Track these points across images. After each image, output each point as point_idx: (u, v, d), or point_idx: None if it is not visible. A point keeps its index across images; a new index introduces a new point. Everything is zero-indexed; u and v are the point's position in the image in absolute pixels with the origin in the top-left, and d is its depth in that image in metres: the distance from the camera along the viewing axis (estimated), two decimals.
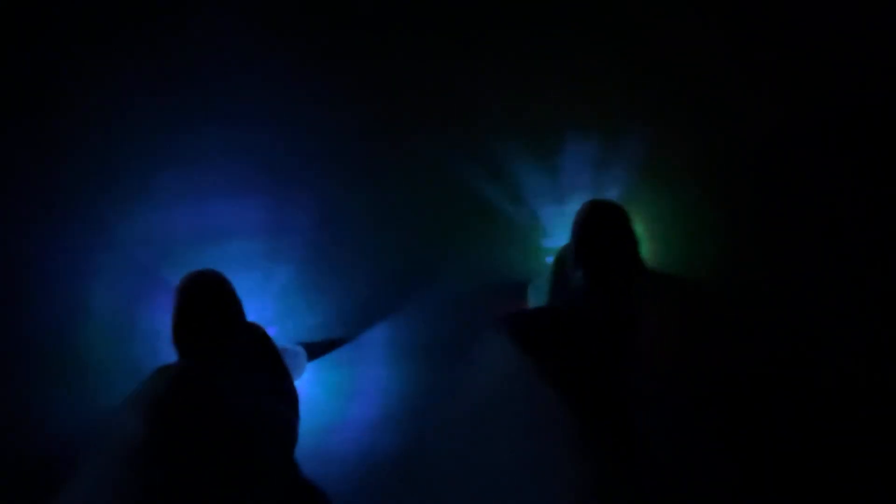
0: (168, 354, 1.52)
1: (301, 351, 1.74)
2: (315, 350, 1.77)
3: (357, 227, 1.82)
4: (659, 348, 1.54)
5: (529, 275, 1.76)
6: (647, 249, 1.68)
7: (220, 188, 1.83)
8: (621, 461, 1.26)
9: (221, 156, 1.84)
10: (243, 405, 1.39)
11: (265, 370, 1.53)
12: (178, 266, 1.75)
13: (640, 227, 1.48)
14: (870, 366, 1.50)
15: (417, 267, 1.78)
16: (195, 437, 1.31)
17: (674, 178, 1.73)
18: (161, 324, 1.65)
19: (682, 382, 1.49)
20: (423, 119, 1.83)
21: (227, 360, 1.42)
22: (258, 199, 1.83)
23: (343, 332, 1.79)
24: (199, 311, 1.44)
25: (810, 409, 1.45)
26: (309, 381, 1.74)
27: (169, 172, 1.81)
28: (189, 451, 1.29)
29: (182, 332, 1.45)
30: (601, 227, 1.43)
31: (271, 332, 1.74)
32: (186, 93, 1.83)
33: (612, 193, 1.72)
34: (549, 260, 1.56)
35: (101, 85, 1.82)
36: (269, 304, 1.80)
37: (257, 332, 1.61)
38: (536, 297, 1.74)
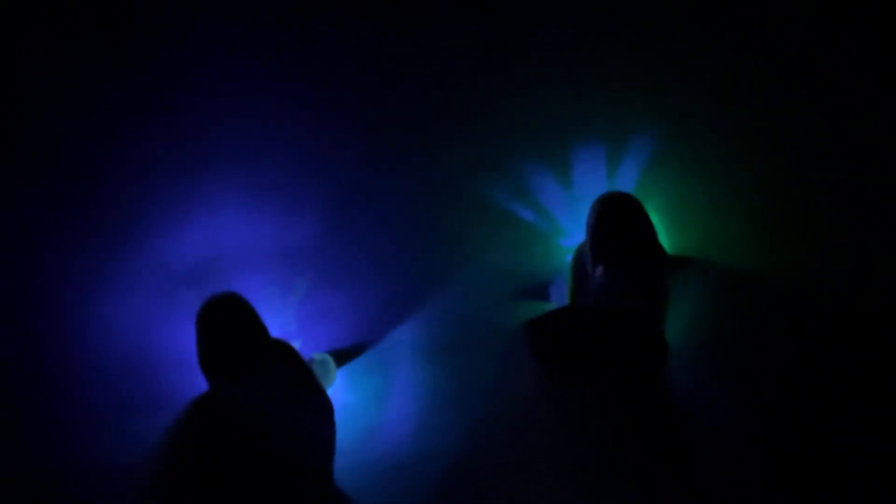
0: (195, 380, 1.54)
1: (329, 360, 1.75)
2: (343, 357, 1.78)
3: (375, 232, 1.80)
4: (684, 339, 1.53)
5: (550, 275, 1.75)
6: (667, 237, 1.65)
7: (231, 198, 1.81)
8: (652, 455, 1.27)
9: (232, 165, 1.81)
10: (279, 429, 1.41)
11: (297, 386, 1.54)
12: (193, 285, 1.74)
13: (657, 216, 1.46)
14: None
15: (436, 271, 1.76)
16: (237, 467, 1.34)
17: (689, 165, 1.70)
18: (185, 350, 1.64)
19: (711, 373, 1.48)
20: (438, 124, 1.80)
21: (258, 384, 1.43)
22: (270, 207, 1.81)
23: (369, 335, 1.79)
24: (224, 338, 1.45)
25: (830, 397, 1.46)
26: (341, 388, 1.75)
27: (178, 189, 1.79)
28: (232, 481, 1.32)
29: (209, 361, 1.46)
30: (615, 222, 1.41)
31: (296, 345, 1.75)
32: (197, 103, 1.80)
33: (625, 185, 1.68)
34: (569, 258, 1.55)
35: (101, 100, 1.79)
36: (290, 315, 1.80)
37: (284, 350, 1.62)
38: (559, 297, 1.73)
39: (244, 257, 1.82)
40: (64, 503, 1.47)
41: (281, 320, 1.77)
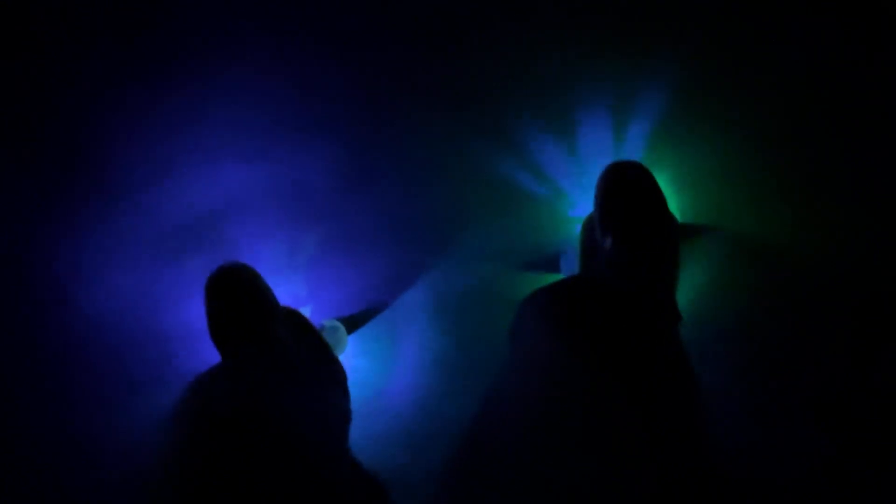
0: (204, 348, 1.55)
1: (340, 326, 1.76)
2: (353, 322, 1.79)
3: (383, 201, 1.77)
4: (694, 302, 1.52)
5: (560, 246, 1.73)
6: (676, 204, 1.62)
7: (237, 165, 1.77)
8: (660, 424, 1.28)
9: (239, 123, 1.74)
10: (294, 399, 1.43)
11: (309, 356, 1.55)
12: (202, 253, 1.73)
13: (666, 185, 1.42)
14: None
15: (446, 239, 1.75)
16: (252, 438, 1.36)
17: (700, 130, 1.65)
18: (192, 315, 1.60)
19: (718, 339, 1.48)
20: (443, 102, 1.74)
21: (270, 356, 1.44)
22: (277, 174, 1.78)
23: (378, 301, 1.80)
24: (234, 310, 1.44)
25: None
26: (353, 354, 1.78)
27: (182, 153, 1.74)
28: (248, 454, 1.35)
29: (221, 333, 1.46)
30: (623, 191, 1.38)
31: (306, 312, 1.76)
32: (201, 59, 1.73)
33: (634, 154, 1.63)
34: (578, 229, 1.53)
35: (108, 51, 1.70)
36: (300, 282, 1.80)
37: (295, 318, 1.62)
38: (568, 268, 1.72)
39: (251, 220, 1.78)
40: (67, 482, 1.48)
41: (289, 286, 1.78)
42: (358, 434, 1.53)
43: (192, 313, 1.54)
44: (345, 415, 1.54)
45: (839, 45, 1.62)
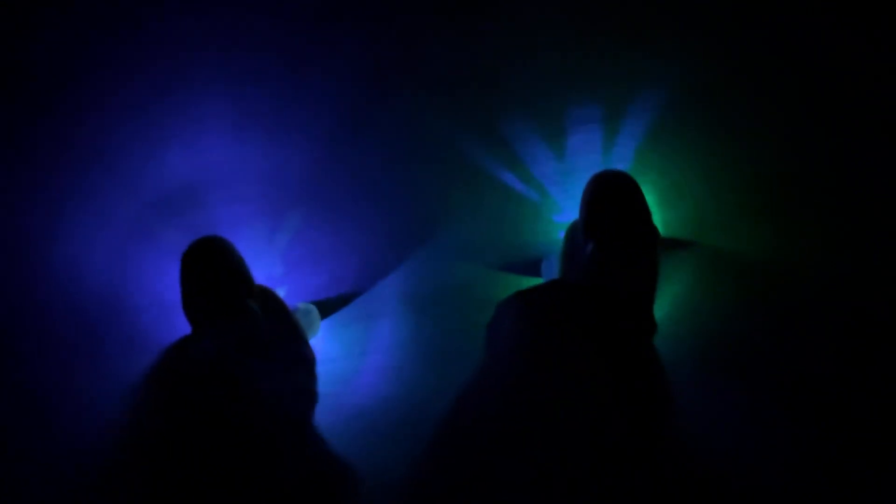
0: (175, 320, 1.52)
1: (313, 309, 1.74)
2: (327, 307, 1.78)
3: (364, 191, 1.77)
4: (671, 315, 1.54)
5: (542, 250, 1.73)
6: (660, 217, 1.63)
7: (219, 137, 1.74)
8: (635, 427, 1.29)
9: (222, 105, 1.70)
10: (260, 375, 1.41)
11: (280, 335, 1.54)
12: (178, 226, 1.70)
13: (651, 196, 1.44)
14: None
15: (426, 236, 1.74)
16: (216, 412, 1.34)
17: (686, 144, 1.66)
18: (163, 289, 1.59)
19: (694, 348, 1.50)
20: (433, 94, 1.73)
21: (241, 330, 1.42)
22: (260, 149, 1.75)
23: (354, 287, 1.79)
24: (208, 282, 1.42)
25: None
26: (324, 338, 1.76)
27: (161, 125, 1.71)
28: (211, 425, 1.33)
29: (193, 305, 1.44)
30: (609, 199, 1.39)
31: (281, 293, 1.74)
32: (183, 34, 1.68)
33: (621, 165, 1.65)
34: (562, 235, 1.54)
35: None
36: (276, 262, 1.78)
37: (269, 297, 1.60)
38: (549, 272, 1.73)
39: (230, 192, 1.75)
40: (36, 449, 1.46)
41: (266, 266, 1.76)
42: (325, 419, 1.52)
43: (166, 285, 1.51)
44: (310, 395, 1.53)
45: (826, 62, 1.65)
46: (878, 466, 1.37)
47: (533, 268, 1.73)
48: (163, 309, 1.58)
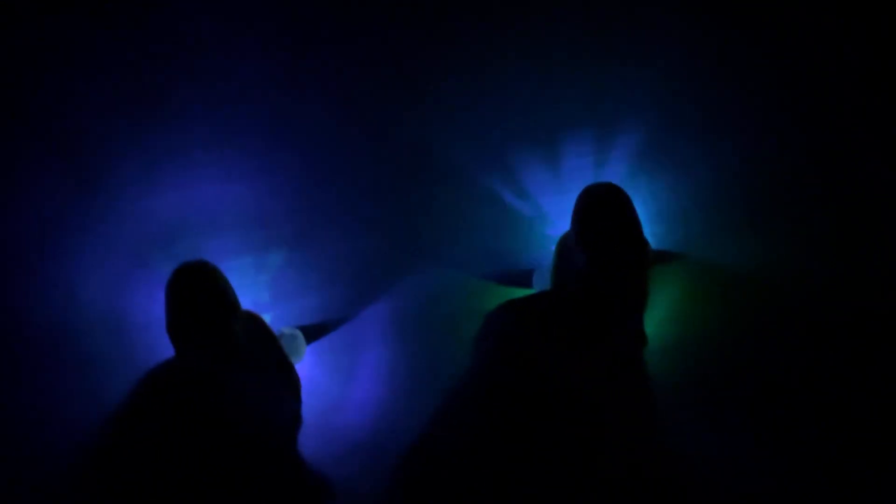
0: (163, 347, 1.52)
1: (299, 335, 1.74)
2: (313, 333, 1.77)
3: (354, 211, 1.79)
4: (661, 327, 1.55)
5: (534, 263, 1.76)
6: (651, 230, 1.66)
7: (208, 172, 1.77)
8: (624, 436, 1.28)
9: (210, 142, 1.76)
10: (245, 399, 1.40)
11: (265, 359, 1.54)
12: (167, 255, 1.71)
13: (642, 208, 1.47)
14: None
15: (415, 253, 1.76)
16: (200, 433, 1.33)
17: (677, 161, 1.72)
18: (153, 316, 1.61)
19: (684, 360, 1.50)
20: (426, 110, 1.78)
21: (226, 353, 1.42)
22: (248, 182, 1.78)
23: (340, 313, 1.79)
24: (194, 305, 1.43)
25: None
26: (309, 364, 1.75)
27: (158, 163, 1.75)
28: (195, 446, 1.31)
29: (177, 327, 1.44)
30: (601, 211, 1.42)
31: (267, 318, 1.74)
32: (177, 81, 1.74)
33: (613, 177, 1.69)
34: (553, 248, 1.56)
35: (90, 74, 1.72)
36: (263, 288, 1.78)
37: (254, 321, 1.61)
38: (541, 283, 1.74)
39: (219, 221, 1.78)
40: (26, 463, 1.44)
41: (253, 291, 1.76)
42: (310, 443, 1.50)
43: (154, 309, 1.53)
44: (295, 417, 1.52)
45: (826, 74, 1.70)
46: (865, 472, 1.36)
47: (525, 279, 1.75)
48: (149, 332, 1.60)
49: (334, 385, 1.73)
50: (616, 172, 1.74)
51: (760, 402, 1.46)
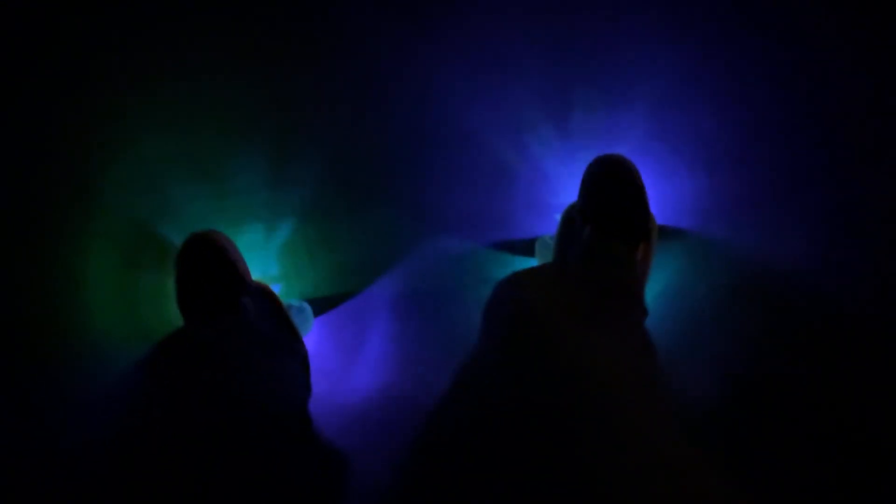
0: (174, 317, 1.52)
1: (307, 307, 1.74)
2: (321, 305, 1.77)
3: (361, 180, 1.77)
4: (663, 308, 1.54)
5: (537, 231, 1.74)
6: (658, 204, 1.64)
7: (218, 139, 1.75)
8: (625, 416, 1.27)
9: (221, 105, 1.73)
10: (253, 370, 1.40)
11: (273, 330, 1.53)
12: (177, 223, 1.71)
13: (651, 182, 1.45)
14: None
15: (423, 222, 1.75)
16: (210, 403, 1.33)
17: (688, 135, 1.69)
18: (163, 286, 1.61)
19: (688, 344, 1.50)
20: (431, 69, 1.74)
21: (235, 324, 1.42)
22: (259, 149, 1.77)
23: (348, 285, 1.78)
24: (204, 275, 1.43)
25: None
26: (316, 337, 1.75)
27: (165, 125, 1.73)
28: (204, 416, 1.31)
29: (187, 298, 1.44)
30: (608, 184, 1.40)
31: (276, 288, 1.74)
32: (187, 37, 1.71)
33: (622, 149, 1.66)
34: (557, 216, 1.54)
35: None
36: (272, 260, 1.78)
37: (264, 292, 1.60)
38: (544, 254, 1.74)
39: (230, 199, 1.77)
40: (33, 441, 1.45)
41: (262, 262, 1.76)
42: (317, 416, 1.50)
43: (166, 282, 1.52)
44: (303, 391, 1.52)
45: (813, 77, 1.68)
46: (863, 464, 1.36)
47: (527, 248, 1.73)
48: (161, 303, 1.58)
49: (342, 357, 1.73)
50: (627, 140, 1.71)
51: (764, 372, 1.45)
